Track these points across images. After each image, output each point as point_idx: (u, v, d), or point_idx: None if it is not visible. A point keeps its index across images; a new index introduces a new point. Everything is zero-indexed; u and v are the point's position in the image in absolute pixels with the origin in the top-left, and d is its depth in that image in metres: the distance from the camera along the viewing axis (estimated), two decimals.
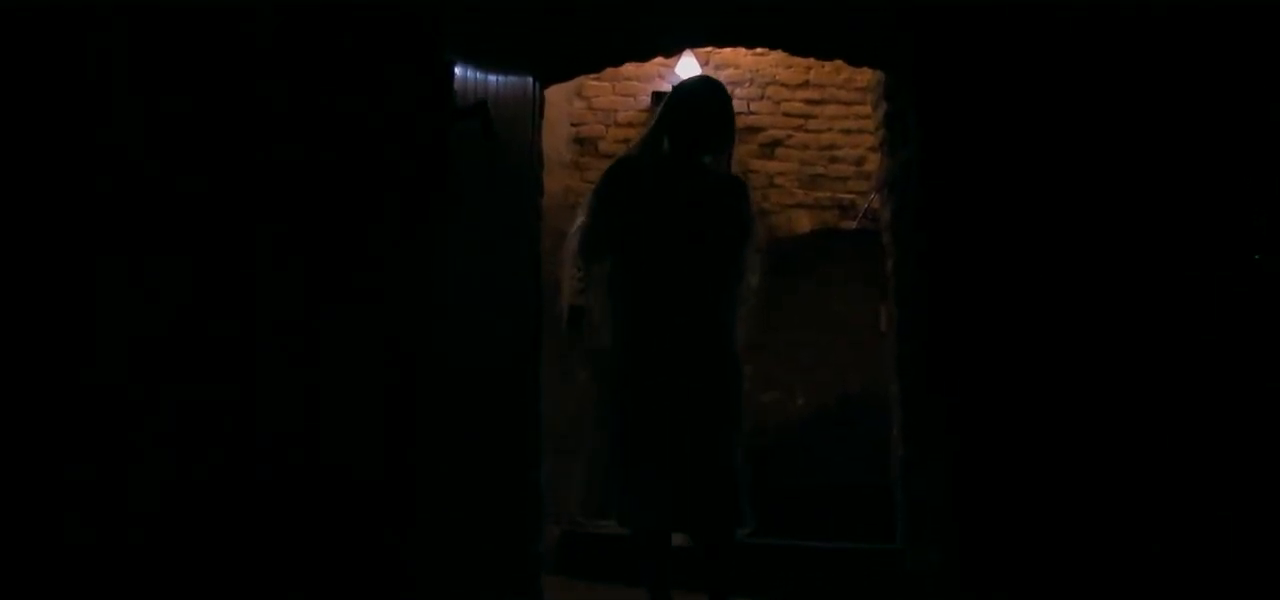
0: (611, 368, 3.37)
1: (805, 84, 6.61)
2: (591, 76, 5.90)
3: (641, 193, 3.33)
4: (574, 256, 3.51)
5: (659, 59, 5.42)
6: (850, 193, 6.50)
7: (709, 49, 6.04)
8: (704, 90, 3.48)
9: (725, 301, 3.30)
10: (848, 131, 6.59)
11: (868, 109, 6.13)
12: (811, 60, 5.98)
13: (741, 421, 3.35)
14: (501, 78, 3.05)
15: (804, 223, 6.49)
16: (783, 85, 6.58)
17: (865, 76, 5.58)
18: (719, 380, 3.23)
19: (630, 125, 6.42)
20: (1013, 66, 3.20)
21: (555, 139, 6.13)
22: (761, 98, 6.60)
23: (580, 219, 3.47)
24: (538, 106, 3.58)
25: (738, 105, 4.49)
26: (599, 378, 3.55)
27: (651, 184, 3.35)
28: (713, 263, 3.29)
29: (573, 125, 6.46)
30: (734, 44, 4.16)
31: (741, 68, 6.52)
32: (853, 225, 6.33)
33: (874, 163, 5.71)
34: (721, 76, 5.02)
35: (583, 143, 6.45)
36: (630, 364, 3.27)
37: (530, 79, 3.44)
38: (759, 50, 5.52)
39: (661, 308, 3.24)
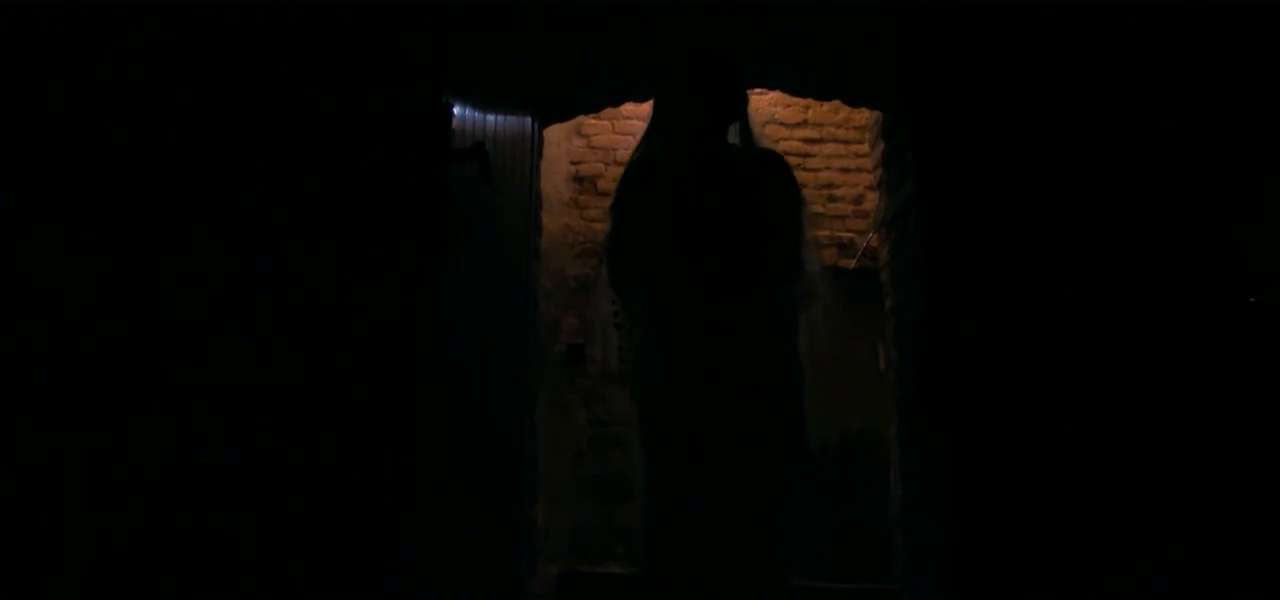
0: (649, 401, 2.88)
1: (803, 122, 6.62)
2: (590, 116, 5.92)
3: (661, 191, 2.88)
4: (609, 288, 3.04)
5: None
6: (849, 231, 6.49)
7: None
8: (684, 55, 3.05)
9: (778, 303, 2.83)
10: (846, 170, 6.59)
11: (866, 148, 6.14)
12: (809, 99, 6.00)
13: (805, 448, 2.85)
14: (499, 118, 3.06)
15: None
16: (781, 124, 6.59)
17: (863, 115, 5.60)
18: (774, 403, 2.75)
19: None
20: (1011, 106, 3.21)
21: (554, 178, 6.14)
22: (760, 137, 6.60)
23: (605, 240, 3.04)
24: (536, 146, 3.58)
25: None
26: (640, 415, 2.99)
27: (671, 179, 2.89)
28: (756, 258, 2.81)
29: (572, 163, 6.47)
30: None
31: None
32: (851, 264, 6.33)
33: (872, 201, 5.71)
34: None
35: (582, 181, 6.46)
36: (666, 395, 2.78)
37: (528, 119, 3.45)
38: (757, 90, 5.54)
39: (699, 322, 2.75)
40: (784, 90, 4.10)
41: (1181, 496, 2.91)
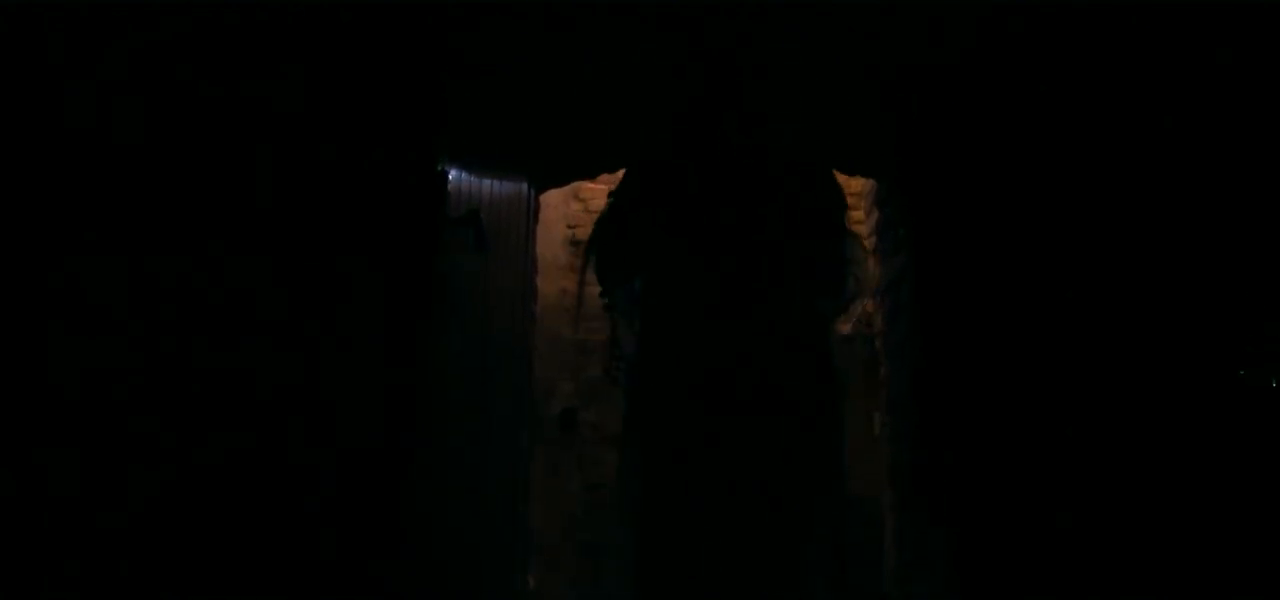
0: (642, 411, 2.59)
1: None
2: (588, 181, 5.96)
3: (686, 189, 2.63)
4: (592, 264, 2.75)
5: None
6: None
7: None
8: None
9: (809, 313, 2.61)
10: None
11: (862, 214, 6.18)
12: None
13: (842, 476, 2.52)
14: (495, 183, 3.08)
15: None
16: None
17: (859, 183, 5.63)
18: (795, 423, 2.49)
19: None
20: (1004, 181, 3.23)
21: (550, 240, 6.15)
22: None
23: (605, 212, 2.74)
24: (531, 211, 3.61)
25: None
26: (625, 435, 2.71)
27: (697, 180, 2.63)
28: (781, 260, 2.57)
29: (568, 227, 6.48)
30: None
31: None
32: (847, 328, 6.33)
33: (868, 266, 5.73)
34: None
35: (578, 245, 6.46)
36: (664, 408, 2.52)
37: (524, 184, 3.48)
38: None
39: (709, 329, 2.52)
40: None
41: (1178, 560, 2.90)
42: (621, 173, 3.37)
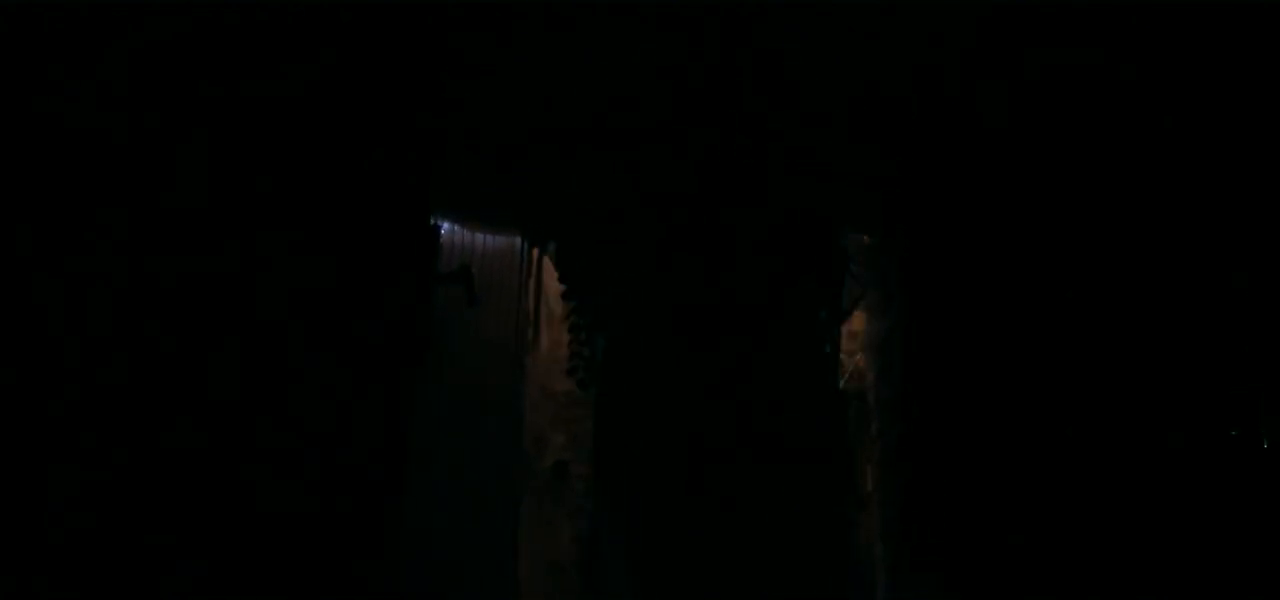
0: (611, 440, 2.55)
1: None
2: None
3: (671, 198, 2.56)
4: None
5: None
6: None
7: None
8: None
9: (804, 329, 2.51)
10: None
11: None
12: None
13: (851, 484, 2.40)
14: (488, 237, 3.10)
15: None
16: None
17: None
18: (801, 445, 2.39)
19: None
20: (995, 238, 3.25)
21: (546, 292, 6.14)
22: None
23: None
24: (525, 265, 3.62)
25: None
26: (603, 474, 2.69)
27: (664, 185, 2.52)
28: (773, 269, 2.44)
29: None
30: None
31: None
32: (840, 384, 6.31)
33: (860, 320, 5.73)
34: None
35: None
36: (633, 435, 2.45)
37: (517, 238, 3.49)
38: None
39: (681, 350, 2.40)
40: None
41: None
42: None
